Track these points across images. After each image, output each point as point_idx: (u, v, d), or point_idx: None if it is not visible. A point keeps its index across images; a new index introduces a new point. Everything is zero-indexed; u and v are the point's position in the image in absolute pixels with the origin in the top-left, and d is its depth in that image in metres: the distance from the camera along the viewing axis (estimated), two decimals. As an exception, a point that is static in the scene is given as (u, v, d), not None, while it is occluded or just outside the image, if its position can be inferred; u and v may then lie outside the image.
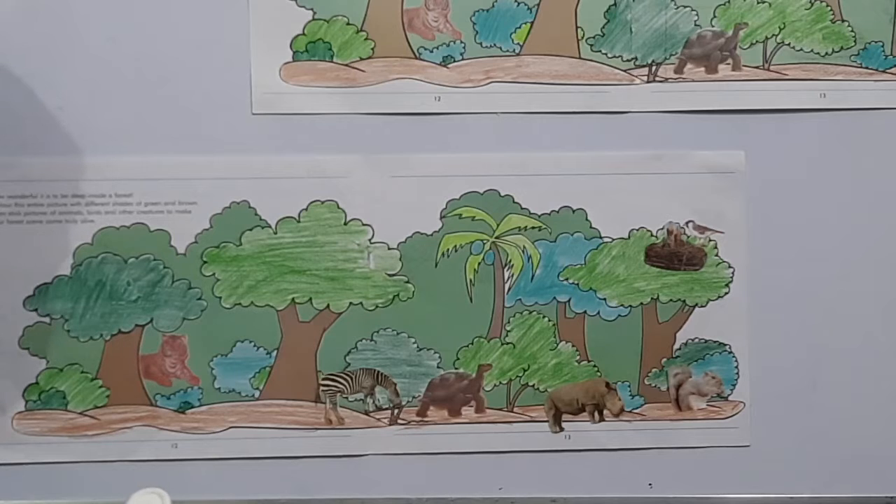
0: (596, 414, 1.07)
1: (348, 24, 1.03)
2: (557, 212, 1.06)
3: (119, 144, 1.02)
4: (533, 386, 1.07)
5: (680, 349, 1.08)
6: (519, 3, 1.04)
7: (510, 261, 1.06)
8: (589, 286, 1.06)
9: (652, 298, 1.07)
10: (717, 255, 1.07)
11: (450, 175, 1.05)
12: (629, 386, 1.07)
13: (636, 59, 1.05)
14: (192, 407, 1.04)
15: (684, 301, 1.07)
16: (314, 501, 1.05)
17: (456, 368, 1.06)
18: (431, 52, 1.04)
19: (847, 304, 1.08)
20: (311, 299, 1.04)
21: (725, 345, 1.08)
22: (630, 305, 1.07)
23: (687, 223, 1.07)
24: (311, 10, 1.03)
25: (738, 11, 1.06)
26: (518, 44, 1.05)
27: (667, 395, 1.08)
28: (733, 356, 1.08)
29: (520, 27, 1.04)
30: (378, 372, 1.05)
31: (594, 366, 1.07)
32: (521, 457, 1.07)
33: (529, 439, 1.07)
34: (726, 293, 1.07)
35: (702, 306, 1.07)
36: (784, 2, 1.06)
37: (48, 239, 1.01)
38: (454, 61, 1.04)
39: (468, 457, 1.07)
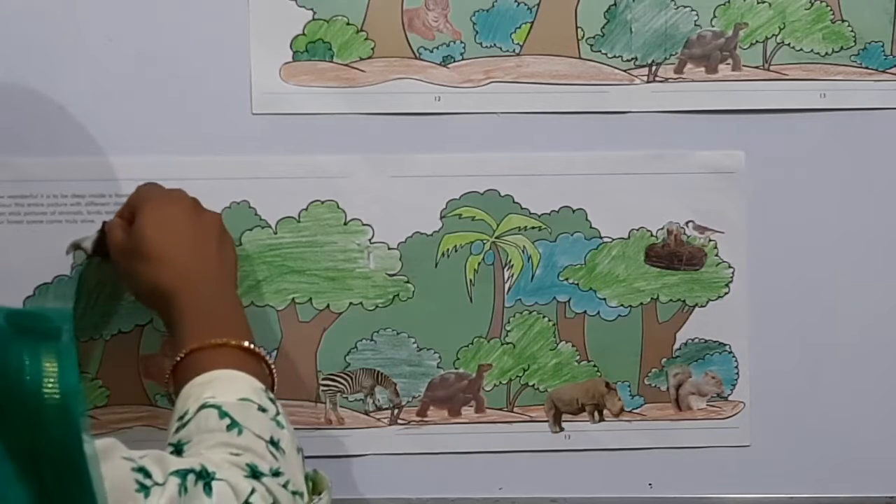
0: (596, 414, 1.07)
1: (348, 24, 1.03)
2: (557, 212, 1.06)
3: (119, 144, 1.02)
4: (533, 386, 1.07)
5: (680, 349, 1.08)
6: (519, 3, 1.04)
7: (510, 261, 1.06)
8: (589, 286, 1.06)
9: (652, 298, 1.07)
10: (717, 255, 1.07)
11: (450, 175, 1.05)
12: (629, 386, 1.07)
13: (636, 59, 1.05)
14: (192, 407, 1.04)
15: (684, 301, 1.07)
16: (314, 501, 1.05)
17: (456, 368, 1.06)
18: (431, 52, 1.04)
19: (847, 304, 1.08)
20: (311, 299, 1.04)
21: (725, 345, 1.08)
22: (630, 305, 1.07)
23: (687, 223, 1.07)
24: (311, 10, 1.03)
25: (738, 11, 1.06)
26: (518, 44, 1.05)
27: (667, 395, 1.08)
28: (733, 356, 1.08)
29: (520, 27, 1.04)
30: (378, 372, 1.05)
31: (594, 366, 1.07)
32: (521, 457, 1.07)
33: (529, 439, 1.07)
34: (726, 293, 1.07)
35: (702, 306, 1.07)
36: (784, 2, 1.06)
37: (48, 239, 1.01)
38: (454, 61, 1.04)
39: (468, 457, 1.07)
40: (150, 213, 0.92)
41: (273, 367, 0.88)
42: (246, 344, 0.86)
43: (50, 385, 0.58)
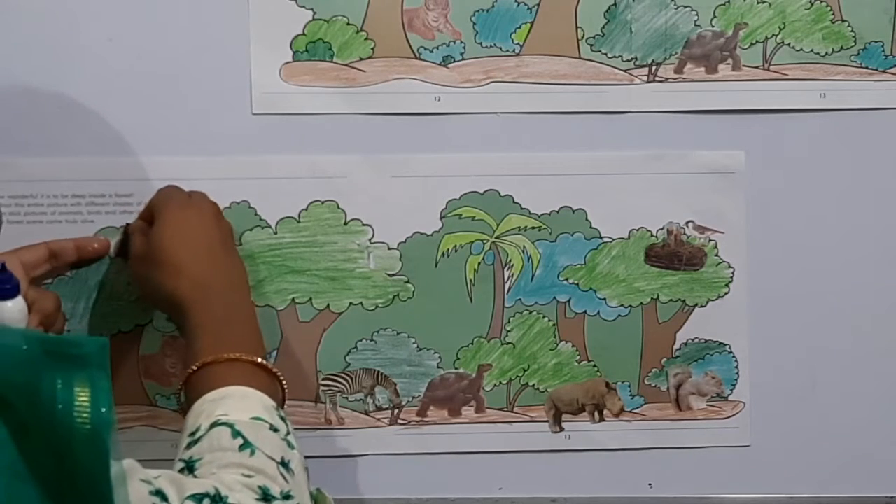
0: (596, 414, 1.07)
1: (348, 24, 1.03)
2: (557, 212, 1.06)
3: (119, 144, 1.02)
4: (533, 386, 1.07)
5: (680, 349, 1.08)
6: (519, 3, 1.04)
7: (510, 261, 1.06)
8: (589, 286, 1.06)
9: (652, 298, 1.07)
10: (717, 255, 1.07)
11: (450, 175, 1.05)
12: (629, 386, 1.07)
13: (636, 59, 1.05)
14: (192, 407, 1.04)
15: (684, 301, 1.07)
16: (314, 501, 1.05)
17: (456, 368, 1.06)
18: (431, 52, 1.04)
19: (847, 304, 1.08)
20: (311, 299, 1.04)
21: (725, 345, 1.08)
22: (630, 305, 1.07)
23: (687, 223, 1.07)
24: (311, 10, 1.03)
25: (738, 11, 1.06)
26: (518, 44, 1.05)
27: (667, 395, 1.08)
28: (733, 356, 1.08)
29: (520, 27, 1.04)
30: (378, 372, 1.05)
31: (594, 366, 1.07)
32: (521, 457, 1.07)
33: (529, 439, 1.07)
34: (726, 293, 1.07)
35: (702, 306, 1.07)
36: (784, 2, 1.06)
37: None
38: (454, 61, 1.04)
39: (468, 457, 1.07)
40: (168, 219, 0.93)
41: (284, 383, 0.88)
42: (258, 360, 0.87)
43: (81, 414, 0.59)
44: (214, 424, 0.79)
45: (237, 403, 0.82)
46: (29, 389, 0.58)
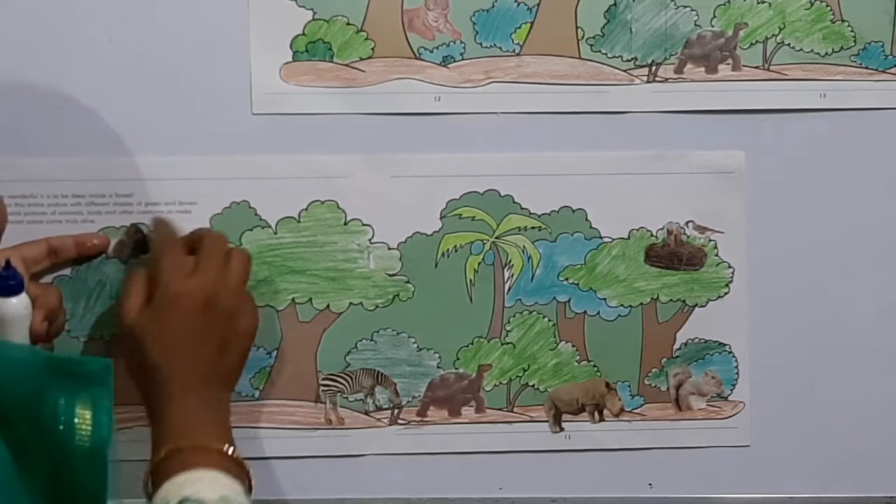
0: (596, 414, 1.07)
1: (348, 24, 1.03)
2: (557, 212, 1.06)
3: (119, 144, 1.02)
4: (533, 386, 1.07)
5: (680, 349, 1.08)
6: (519, 3, 1.04)
7: (510, 261, 1.06)
8: (589, 286, 1.06)
9: (652, 298, 1.07)
10: (717, 255, 1.07)
11: (450, 175, 1.05)
12: (629, 386, 1.07)
13: (636, 59, 1.05)
14: (192, 407, 1.04)
15: (684, 301, 1.07)
16: (314, 501, 1.05)
17: (456, 368, 1.06)
18: (431, 52, 1.04)
19: (847, 304, 1.08)
20: (311, 299, 1.04)
21: (725, 345, 1.08)
22: (630, 305, 1.07)
23: (687, 223, 1.07)
24: (311, 10, 1.03)
25: (738, 11, 1.06)
26: (518, 44, 1.05)
27: (667, 395, 1.08)
28: (733, 356, 1.08)
29: (520, 27, 1.04)
30: (378, 372, 1.05)
31: (594, 366, 1.07)
32: (521, 457, 1.07)
33: (529, 439, 1.07)
34: (726, 293, 1.07)
35: (702, 306, 1.07)
36: (784, 2, 1.06)
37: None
38: (454, 61, 1.04)
39: (468, 457, 1.07)
40: (184, 310, 0.90)
41: (251, 473, 0.88)
42: (230, 451, 0.87)
43: (82, 433, 0.59)
44: (184, 500, 0.79)
45: (207, 485, 0.82)
46: (31, 403, 0.59)
